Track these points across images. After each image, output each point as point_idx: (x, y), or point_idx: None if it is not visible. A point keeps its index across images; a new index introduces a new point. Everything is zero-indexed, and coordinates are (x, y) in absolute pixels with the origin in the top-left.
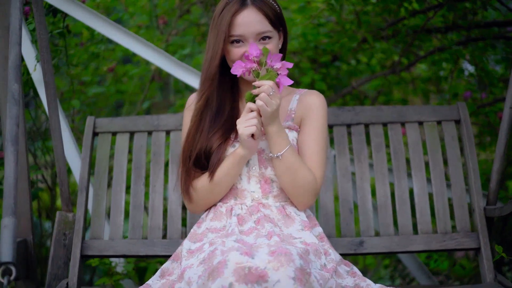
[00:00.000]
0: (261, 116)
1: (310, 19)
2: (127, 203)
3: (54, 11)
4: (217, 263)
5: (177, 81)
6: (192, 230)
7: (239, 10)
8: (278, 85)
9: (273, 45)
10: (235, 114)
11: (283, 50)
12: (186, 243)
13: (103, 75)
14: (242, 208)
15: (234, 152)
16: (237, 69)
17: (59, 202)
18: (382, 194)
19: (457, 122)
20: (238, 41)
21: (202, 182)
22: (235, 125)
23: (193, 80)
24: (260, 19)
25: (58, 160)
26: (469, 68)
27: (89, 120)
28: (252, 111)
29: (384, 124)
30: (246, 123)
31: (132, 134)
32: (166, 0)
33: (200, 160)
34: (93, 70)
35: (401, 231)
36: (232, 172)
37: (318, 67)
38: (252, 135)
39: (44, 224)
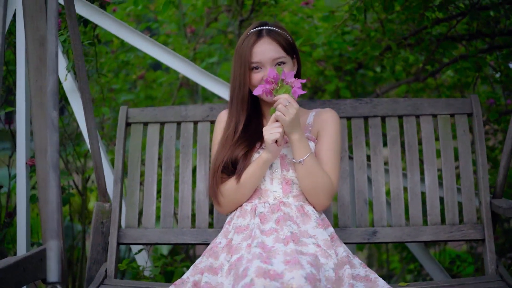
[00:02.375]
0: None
1: (334, 28)
2: (158, 193)
3: (85, 21)
4: (242, 271)
5: (204, 88)
6: (224, 228)
7: (256, 40)
8: (294, 97)
9: (288, 69)
10: (259, 130)
11: (297, 75)
12: (222, 240)
13: (133, 82)
14: (265, 206)
15: (259, 156)
16: (258, 90)
17: (90, 206)
18: (395, 187)
19: (470, 115)
20: (257, 68)
21: (229, 184)
22: (260, 138)
23: (217, 88)
24: (274, 47)
25: (94, 156)
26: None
27: (122, 110)
28: (276, 121)
29: (400, 117)
30: (271, 130)
31: (162, 124)
32: (194, 9)
33: (228, 167)
34: (124, 76)
35: (412, 222)
36: (257, 173)
37: (343, 75)
38: (276, 141)
39: (76, 227)
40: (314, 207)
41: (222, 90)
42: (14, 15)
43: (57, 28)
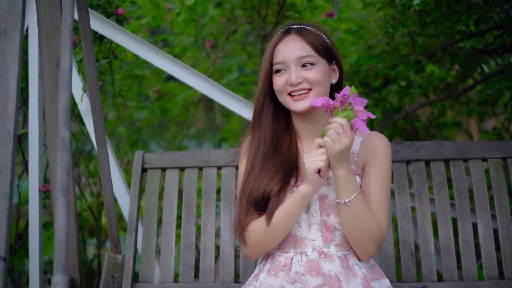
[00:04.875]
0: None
1: (365, 45)
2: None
3: (100, 37)
4: None
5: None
6: (250, 285)
7: (281, 38)
8: (352, 127)
9: (316, 72)
10: (293, 154)
11: (338, 86)
12: None
13: (147, 96)
14: (301, 261)
15: (296, 190)
16: (317, 102)
17: (104, 223)
18: (445, 236)
19: None
20: (280, 70)
21: (259, 224)
22: (296, 168)
23: (239, 107)
24: (301, 45)
25: (107, 200)
26: None
27: (138, 155)
28: (321, 147)
29: (446, 161)
30: (314, 158)
31: (182, 170)
32: (212, 21)
33: (259, 202)
34: (138, 89)
35: (466, 276)
36: (292, 211)
37: (370, 92)
38: (319, 172)
39: (88, 241)
40: (358, 257)
41: (244, 110)
42: (26, 31)
43: (71, 42)
